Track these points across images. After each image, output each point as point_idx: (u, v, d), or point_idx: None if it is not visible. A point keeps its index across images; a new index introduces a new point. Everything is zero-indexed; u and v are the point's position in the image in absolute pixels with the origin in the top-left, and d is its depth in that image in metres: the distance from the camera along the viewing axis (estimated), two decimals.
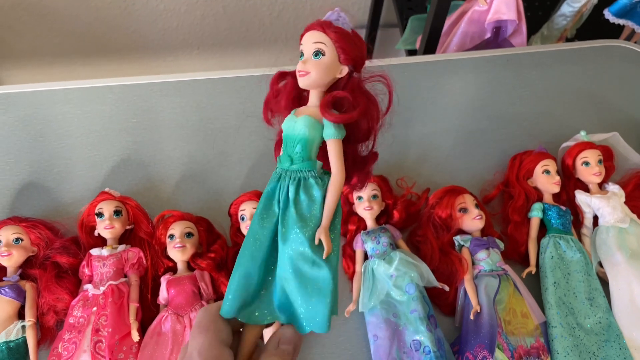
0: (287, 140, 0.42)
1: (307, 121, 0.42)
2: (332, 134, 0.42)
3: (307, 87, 0.43)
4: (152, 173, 0.90)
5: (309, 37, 0.43)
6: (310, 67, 0.42)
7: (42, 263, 0.75)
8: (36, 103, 0.96)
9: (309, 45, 0.42)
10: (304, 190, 0.41)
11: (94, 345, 0.68)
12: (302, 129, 0.42)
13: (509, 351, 0.70)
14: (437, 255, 0.79)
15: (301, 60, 0.43)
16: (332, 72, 0.43)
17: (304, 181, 0.41)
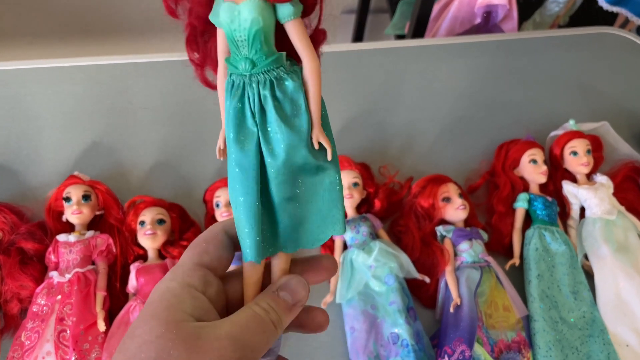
0: (237, 37, 0.33)
1: (256, 5, 0.32)
2: (291, 13, 0.33)
3: None
4: (124, 157, 0.86)
5: None
6: None
7: (6, 249, 0.72)
8: (4, 82, 0.92)
9: None
10: (280, 91, 0.34)
11: (57, 334, 0.65)
12: (254, 17, 0.32)
13: (488, 345, 0.68)
14: (419, 246, 0.76)
15: None
16: None
17: (277, 81, 0.34)
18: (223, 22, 0.33)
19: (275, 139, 0.33)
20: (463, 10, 1.18)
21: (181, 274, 0.33)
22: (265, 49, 0.33)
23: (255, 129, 0.33)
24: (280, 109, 0.33)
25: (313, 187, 0.35)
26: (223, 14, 0.32)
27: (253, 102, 0.33)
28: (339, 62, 1.02)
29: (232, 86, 0.34)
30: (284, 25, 0.33)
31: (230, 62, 0.34)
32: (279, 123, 0.33)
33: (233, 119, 0.34)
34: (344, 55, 1.03)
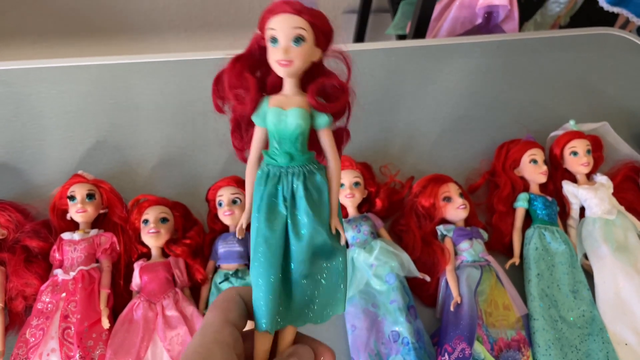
0: (281, 137, 0.40)
1: (301, 114, 0.40)
2: (325, 123, 0.41)
3: (290, 77, 0.41)
4: (128, 156, 0.87)
5: (285, 21, 0.40)
6: (293, 56, 0.39)
7: (11, 247, 0.73)
8: (9, 81, 0.93)
9: (288, 31, 0.39)
10: (310, 183, 0.40)
11: (62, 331, 0.66)
12: (298, 123, 0.40)
13: (488, 343, 0.69)
14: (419, 245, 0.77)
15: (276, 46, 0.39)
16: (311, 57, 0.41)
17: (308, 174, 0.40)
18: (269, 123, 0.40)
19: (302, 223, 0.39)
20: (464, 10, 1.18)
21: (212, 331, 0.36)
22: (302, 147, 0.40)
23: (285, 213, 0.39)
24: (310, 198, 0.39)
25: (325, 268, 0.40)
26: (270, 117, 0.40)
27: (287, 189, 0.39)
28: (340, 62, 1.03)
29: (268, 175, 0.40)
30: (317, 131, 0.41)
31: (269, 155, 0.40)
32: (307, 210, 0.39)
33: (267, 202, 0.39)
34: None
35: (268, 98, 0.41)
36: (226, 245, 0.74)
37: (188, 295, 0.73)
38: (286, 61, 0.39)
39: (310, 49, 0.40)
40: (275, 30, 0.40)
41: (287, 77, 0.41)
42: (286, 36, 0.39)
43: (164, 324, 0.68)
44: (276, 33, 0.40)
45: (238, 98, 0.41)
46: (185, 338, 0.68)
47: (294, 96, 0.41)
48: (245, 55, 0.42)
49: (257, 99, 0.41)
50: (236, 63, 0.41)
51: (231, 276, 0.72)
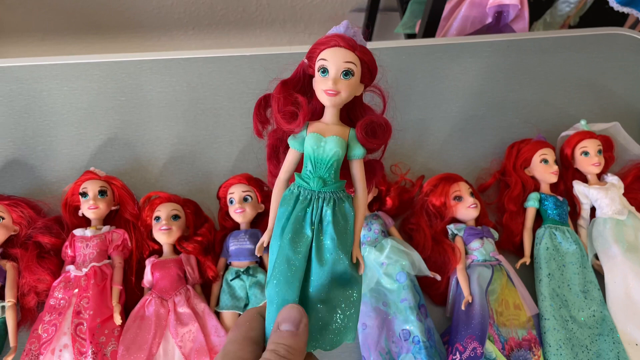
0: (317, 162, 0.42)
1: (339, 143, 0.42)
2: (360, 155, 0.43)
3: (334, 107, 0.43)
4: (139, 153, 0.87)
5: (338, 54, 0.42)
6: (340, 87, 0.42)
7: (23, 242, 0.73)
8: (21, 78, 0.93)
9: (339, 64, 0.42)
10: (339, 210, 0.41)
11: (74, 327, 0.66)
12: (336, 151, 0.42)
13: (499, 343, 0.69)
14: (430, 244, 0.77)
15: (325, 76, 0.42)
16: (355, 91, 0.43)
17: (338, 202, 0.41)
18: (307, 147, 0.42)
19: (327, 247, 0.40)
20: (474, 9, 1.18)
21: (234, 349, 0.37)
22: (335, 174, 0.42)
23: (311, 236, 0.40)
24: (337, 224, 0.41)
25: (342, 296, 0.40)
26: (309, 141, 0.42)
27: (316, 214, 0.41)
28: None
29: (298, 197, 0.41)
30: (350, 161, 0.43)
31: (302, 178, 0.42)
32: (333, 236, 0.40)
33: (294, 222, 0.40)
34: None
35: (307, 124, 0.43)
36: (237, 243, 0.74)
37: (199, 292, 0.73)
38: (334, 91, 0.41)
39: (356, 83, 0.43)
40: (327, 61, 0.42)
41: (331, 107, 0.43)
42: (337, 68, 0.41)
43: (175, 321, 0.68)
44: (327, 64, 0.42)
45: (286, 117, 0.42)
46: (197, 335, 0.68)
47: (333, 125, 0.43)
48: (292, 80, 0.45)
49: (307, 117, 0.43)
50: (285, 86, 0.44)
51: (242, 273, 0.72)
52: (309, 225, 0.40)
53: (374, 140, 0.43)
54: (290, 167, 0.44)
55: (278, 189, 0.43)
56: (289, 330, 0.37)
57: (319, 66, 0.42)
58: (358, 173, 0.43)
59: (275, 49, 1.01)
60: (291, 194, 0.42)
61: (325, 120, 0.43)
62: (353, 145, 0.43)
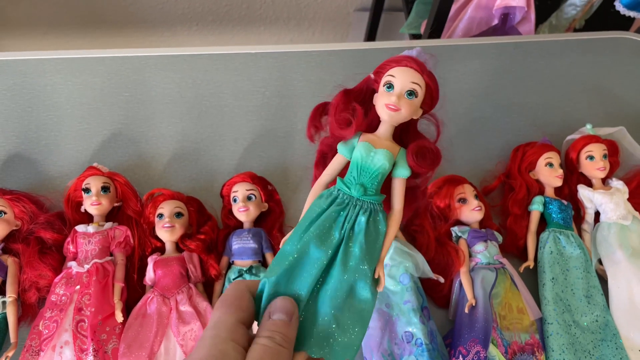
0: (363, 170, 0.42)
1: (389, 156, 0.43)
2: (405, 175, 0.44)
3: (392, 123, 0.44)
4: (143, 149, 0.87)
5: (406, 73, 0.43)
6: (402, 105, 0.43)
7: (25, 238, 0.73)
8: (25, 72, 0.93)
9: (406, 83, 0.43)
10: (373, 222, 0.41)
11: (75, 324, 0.66)
12: (384, 163, 0.42)
13: (502, 347, 0.68)
14: (434, 246, 0.76)
15: (390, 92, 0.43)
16: (414, 113, 0.44)
17: (374, 213, 0.42)
18: (357, 154, 0.43)
19: (354, 255, 0.40)
20: (480, 11, 1.17)
21: (226, 332, 0.36)
22: (377, 186, 0.43)
23: (338, 239, 0.40)
24: (368, 235, 0.40)
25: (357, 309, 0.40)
26: (360, 149, 0.43)
27: (350, 219, 0.41)
28: (354, 60, 1.02)
29: (335, 198, 0.41)
30: (393, 178, 0.44)
31: (344, 182, 0.42)
32: (363, 245, 0.40)
33: (324, 220, 0.40)
34: (358, 54, 1.03)
35: (359, 134, 0.45)
36: (240, 242, 0.74)
37: (201, 290, 0.72)
38: (395, 107, 0.43)
39: (417, 105, 0.44)
40: (394, 77, 0.43)
41: (388, 122, 0.44)
42: (403, 86, 0.43)
43: (177, 319, 0.68)
44: (394, 81, 0.43)
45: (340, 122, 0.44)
46: (199, 333, 0.67)
47: (385, 140, 0.44)
48: (354, 91, 0.47)
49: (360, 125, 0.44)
50: (346, 95, 0.46)
51: (245, 272, 0.72)
52: (339, 228, 0.40)
53: (422, 164, 0.44)
54: (334, 171, 0.45)
55: (315, 190, 0.44)
56: (283, 320, 0.37)
57: (386, 81, 0.43)
58: (399, 191, 0.44)
59: (282, 47, 1.00)
60: (330, 194, 0.42)
61: (378, 134, 0.44)
62: (400, 163, 0.44)
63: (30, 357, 0.64)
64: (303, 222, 0.41)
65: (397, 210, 0.44)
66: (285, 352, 0.36)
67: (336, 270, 0.39)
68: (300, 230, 0.40)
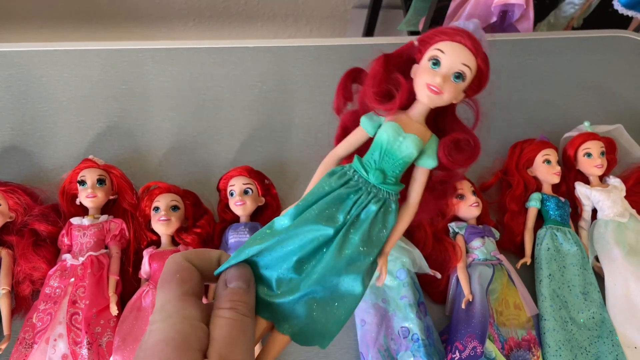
0: (387, 154, 0.37)
1: (418, 144, 0.37)
2: (431, 165, 0.39)
3: (431, 105, 0.38)
4: (139, 142, 0.86)
5: (458, 52, 0.37)
6: (447, 88, 0.37)
7: (19, 230, 0.72)
8: (20, 63, 0.92)
9: (455, 62, 0.37)
10: (384, 214, 0.37)
11: (69, 317, 0.65)
12: (412, 152, 0.37)
13: (499, 342, 0.68)
14: (431, 242, 0.76)
15: (436, 69, 0.37)
16: (456, 98, 0.39)
17: (387, 204, 0.37)
18: (383, 135, 0.37)
19: (351, 243, 0.35)
20: (479, 8, 1.17)
21: (177, 309, 0.32)
22: (398, 175, 0.38)
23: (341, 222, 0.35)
24: (373, 227, 0.36)
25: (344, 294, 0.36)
26: (387, 130, 0.37)
27: (359, 205, 0.36)
28: (352, 55, 1.02)
29: (349, 180, 0.37)
30: (416, 167, 0.39)
31: (363, 164, 0.37)
32: (365, 236, 0.36)
33: (332, 201, 0.36)
34: (356, 49, 1.03)
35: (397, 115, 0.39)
36: (237, 236, 0.73)
37: None
38: (438, 89, 0.37)
39: (462, 89, 0.38)
40: (444, 54, 0.37)
41: (426, 104, 0.38)
42: (451, 66, 0.37)
43: None
44: (443, 57, 0.37)
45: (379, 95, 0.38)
46: None
47: (417, 123, 0.38)
48: (394, 57, 0.40)
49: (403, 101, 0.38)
50: (387, 62, 0.39)
51: None
52: (345, 213, 0.36)
53: (457, 159, 0.39)
54: (351, 146, 0.39)
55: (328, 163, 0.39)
56: (242, 288, 0.34)
57: (432, 55, 0.37)
58: (420, 183, 0.39)
59: (280, 41, 1.00)
60: (344, 173, 0.37)
61: (410, 114, 0.39)
62: (428, 152, 0.38)
63: (23, 349, 0.64)
64: (308, 197, 0.36)
65: (413, 203, 0.38)
66: (249, 321, 0.33)
67: (329, 255, 0.35)
68: (302, 206, 0.36)
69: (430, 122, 0.40)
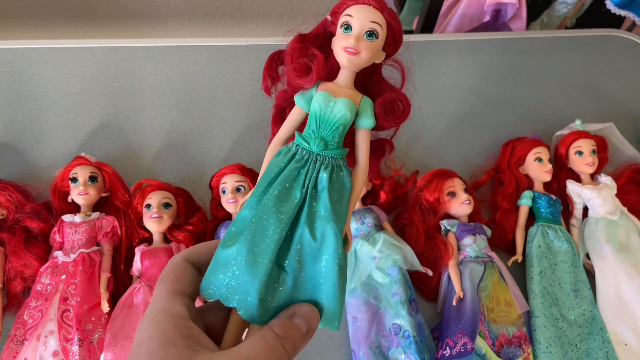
0: (322, 122, 0.38)
1: (350, 106, 0.38)
2: (369, 125, 0.40)
3: (351, 67, 0.39)
4: (131, 140, 0.86)
5: (365, 12, 0.39)
6: (362, 47, 0.38)
7: (11, 227, 0.72)
8: (13, 61, 0.92)
9: (364, 22, 0.38)
10: (336, 178, 0.38)
11: (61, 314, 0.65)
12: (345, 113, 0.38)
13: (490, 339, 0.68)
14: (423, 239, 0.77)
15: (348, 33, 0.38)
16: (376, 57, 0.40)
17: (336, 169, 0.38)
18: (315, 104, 0.39)
19: (319, 216, 0.36)
20: (472, 7, 1.17)
21: (162, 308, 0.32)
22: (339, 139, 0.38)
23: (300, 198, 0.36)
24: (332, 192, 0.37)
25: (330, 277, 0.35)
26: (318, 99, 0.38)
27: (311, 176, 0.37)
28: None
29: (294, 155, 0.38)
30: (356, 130, 0.40)
31: (303, 137, 0.38)
32: (327, 204, 0.36)
33: (283, 180, 0.36)
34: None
35: (318, 84, 0.40)
36: None
37: None
38: (353, 49, 0.38)
39: (379, 47, 0.39)
40: (352, 17, 0.39)
41: (348, 67, 0.39)
42: (361, 26, 0.38)
43: None
44: (352, 20, 0.39)
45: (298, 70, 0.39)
46: None
47: (346, 88, 0.40)
48: (310, 35, 0.41)
49: (320, 72, 0.39)
50: (302, 40, 0.41)
51: None
52: (300, 187, 0.36)
53: (392, 118, 0.40)
54: (292, 126, 0.40)
55: (273, 147, 0.40)
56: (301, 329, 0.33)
57: (343, 22, 0.39)
58: (363, 144, 0.40)
59: (272, 39, 1.00)
60: (288, 150, 0.38)
61: (338, 82, 0.40)
62: (363, 113, 0.39)
63: (14, 346, 0.64)
64: (261, 182, 0.37)
65: (362, 165, 0.39)
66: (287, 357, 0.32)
67: (299, 232, 0.36)
68: (259, 192, 0.36)
69: (360, 87, 0.41)
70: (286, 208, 0.36)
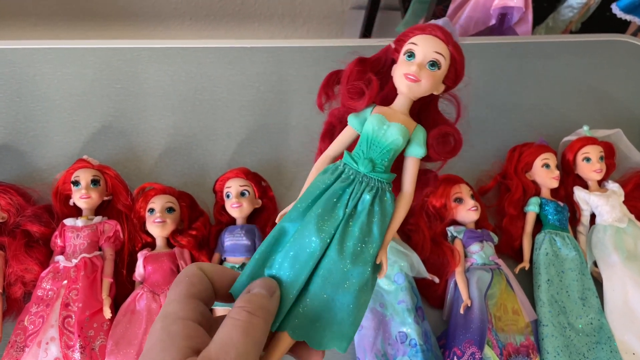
0: (373, 144, 0.39)
1: (403, 132, 0.39)
2: (420, 154, 0.40)
3: (410, 96, 0.40)
4: (134, 143, 0.85)
5: (430, 42, 0.39)
6: (423, 76, 0.39)
7: (11, 231, 0.71)
8: (14, 61, 0.91)
9: (429, 52, 0.39)
10: (379, 202, 0.37)
11: (62, 320, 0.64)
12: (397, 138, 0.39)
13: (498, 348, 0.67)
14: (429, 246, 0.76)
15: (411, 60, 0.39)
16: (436, 87, 0.40)
17: (381, 192, 0.38)
18: (368, 126, 0.39)
19: (352, 236, 0.36)
20: (478, 10, 1.17)
21: (174, 310, 0.32)
22: (388, 163, 0.39)
23: (341, 218, 0.36)
24: (371, 215, 0.37)
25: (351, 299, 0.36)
26: (372, 121, 0.39)
27: (355, 196, 0.37)
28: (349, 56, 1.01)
29: (341, 173, 0.38)
30: (406, 157, 0.40)
31: (352, 157, 0.39)
32: (363, 226, 0.36)
33: (328, 198, 0.37)
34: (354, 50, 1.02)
35: (373, 106, 0.41)
36: (233, 238, 0.72)
37: None
38: (414, 77, 0.39)
39: (439, 79, 0.40)
40: (417, 45, 0.39)
41: (406, 94, 0.40)
42: (425, 55, 0.39)
43: None
44: (416, 49, 0.39)
45: (352, 93, 0.40)
46: None
47: (401, 114, 0.40)
48: (371, 60, 0.43)
49: (373, 98, 0.40)
50: (361, 63, 0.42)
51: (237, 269, 0.70)
52: (344, 206, 0.37)
53: (442, 151, 0.41)
54: (341, 145, 0.41)
55: (320, 164, 0.40)
56: (262, 294, 0.34)
57: (407, 49, 0.40)
58: (411, 172, 0.40)
59: (277, 41, 0.99)
60: (335, 169, 0.38)
61: (394, 107, 0.40)
62: (416, 142, 0.40)
63: (14, 353, 0.62)
64: (305, 197, 0.37)
65: (407, 192, 0.39)
66: (259, 321, 0.32)
67: (332, 250, 0.36)
68: (302, 207, 0.37)
69: (414, 117, 0.42)
70: (328, 227, 0.36)
